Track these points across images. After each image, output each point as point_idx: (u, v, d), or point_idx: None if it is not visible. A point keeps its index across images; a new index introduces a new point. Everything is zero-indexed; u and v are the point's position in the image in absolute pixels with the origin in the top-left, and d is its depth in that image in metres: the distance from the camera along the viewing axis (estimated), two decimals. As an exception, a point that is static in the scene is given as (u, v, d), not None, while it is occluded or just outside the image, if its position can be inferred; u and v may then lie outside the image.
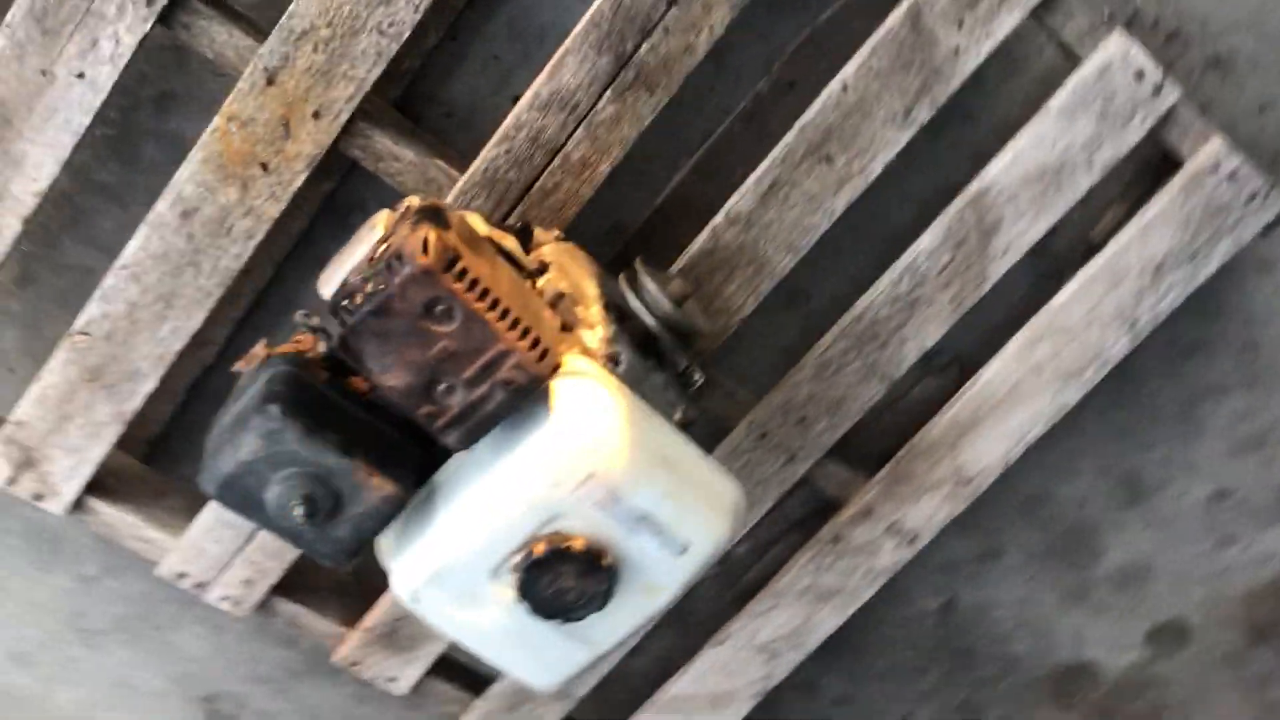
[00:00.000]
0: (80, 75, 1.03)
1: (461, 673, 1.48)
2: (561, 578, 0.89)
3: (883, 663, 1.66)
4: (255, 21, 1.09)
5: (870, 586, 1.41)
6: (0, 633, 1.51)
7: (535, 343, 0.83)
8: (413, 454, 0.89)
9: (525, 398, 0.85)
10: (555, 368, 0.85)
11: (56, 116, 1.06)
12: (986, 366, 1.29)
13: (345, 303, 0.80)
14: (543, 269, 1.05)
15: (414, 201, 0.98)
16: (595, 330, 1.02)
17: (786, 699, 1.67)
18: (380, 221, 0.93)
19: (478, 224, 1.00)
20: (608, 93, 1.10)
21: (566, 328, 1.02)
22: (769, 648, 1.44)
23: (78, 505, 1.24)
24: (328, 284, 0.90)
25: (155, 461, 1.35)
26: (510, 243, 1.03)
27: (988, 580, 1.61)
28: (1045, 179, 1.19)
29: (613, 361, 1.02)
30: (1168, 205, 1.21)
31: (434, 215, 0.82)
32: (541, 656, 0.97)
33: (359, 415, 0.86)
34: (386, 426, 0.87)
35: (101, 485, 1.24)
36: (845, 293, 1.29)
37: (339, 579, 1.41)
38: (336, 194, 1.24)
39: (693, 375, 1.16)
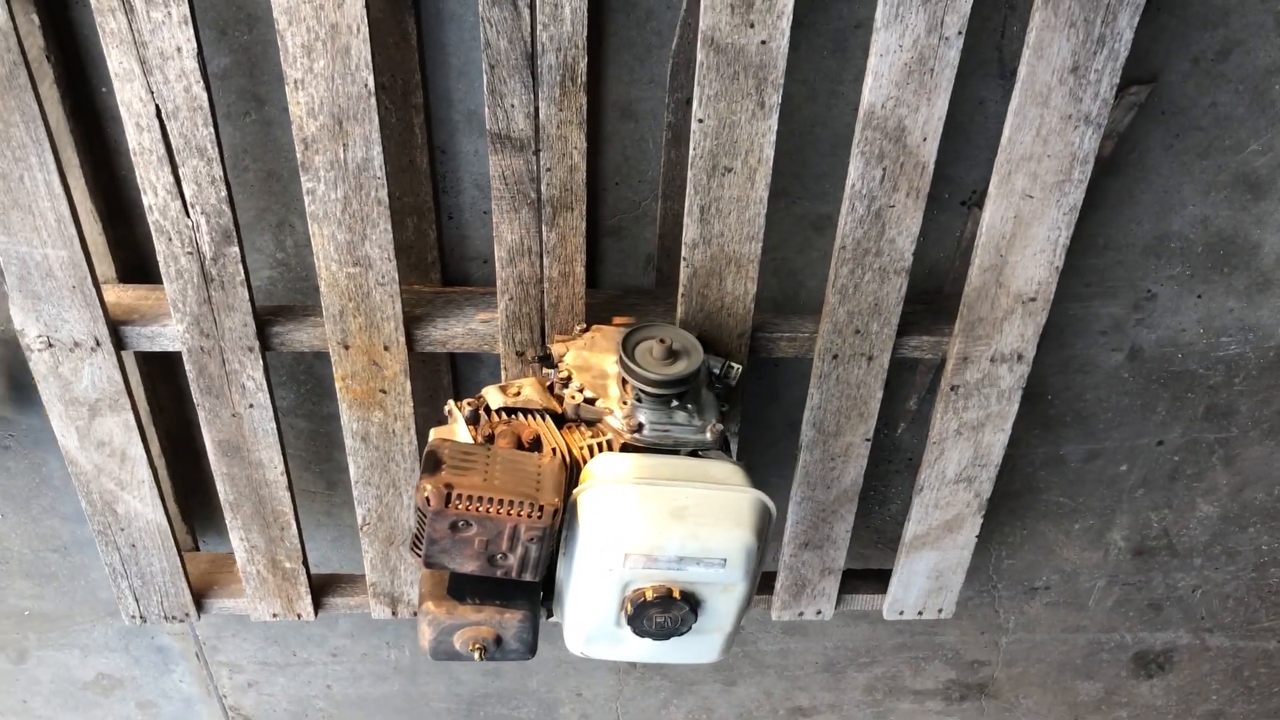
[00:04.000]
0: (251, 407, 1.52)
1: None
2: (654, 616, 1.25)
3: (1109, 415, 1.78)
4: (314, 308, 1.49)
5: (1011, 403, 1.57)
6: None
7: (531, 506, 1.17)
8: (525, 585, 1.28)
9: (553, 538, 1.20)
10: (556, 510, 1.19)
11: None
12: (982, 214, 1.39)
13: (415, 545, 1.21)
14: (568, 380, 1.38)
15: (452, 407, 1.36)
16: (615, 413, 1.34)
17: (1040, 476, 1.87)
18: (432, 438, 1.31)
19: (493, 398, 1.35)
20: (543, 228, 1.37)
21: (590, 423, 1.35)
22: (962, 476, 1.66)
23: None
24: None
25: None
26: (527, 388, 1.37)
27: (1158, 319, 1.66)
28: (913, 69, 1.25)
29: (636, 431, 1.33)
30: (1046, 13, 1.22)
31: (430, 465, 1.19)
32: (690, 651, 1.34)
33: (479, 587, 1.27)
34: (501, 582, 1.27)
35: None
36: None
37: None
38: (455, 359, 1.64)
39: (729, 373, 1.42)
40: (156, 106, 1.25)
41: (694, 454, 1.34)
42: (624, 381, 1.36)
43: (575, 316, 1.46)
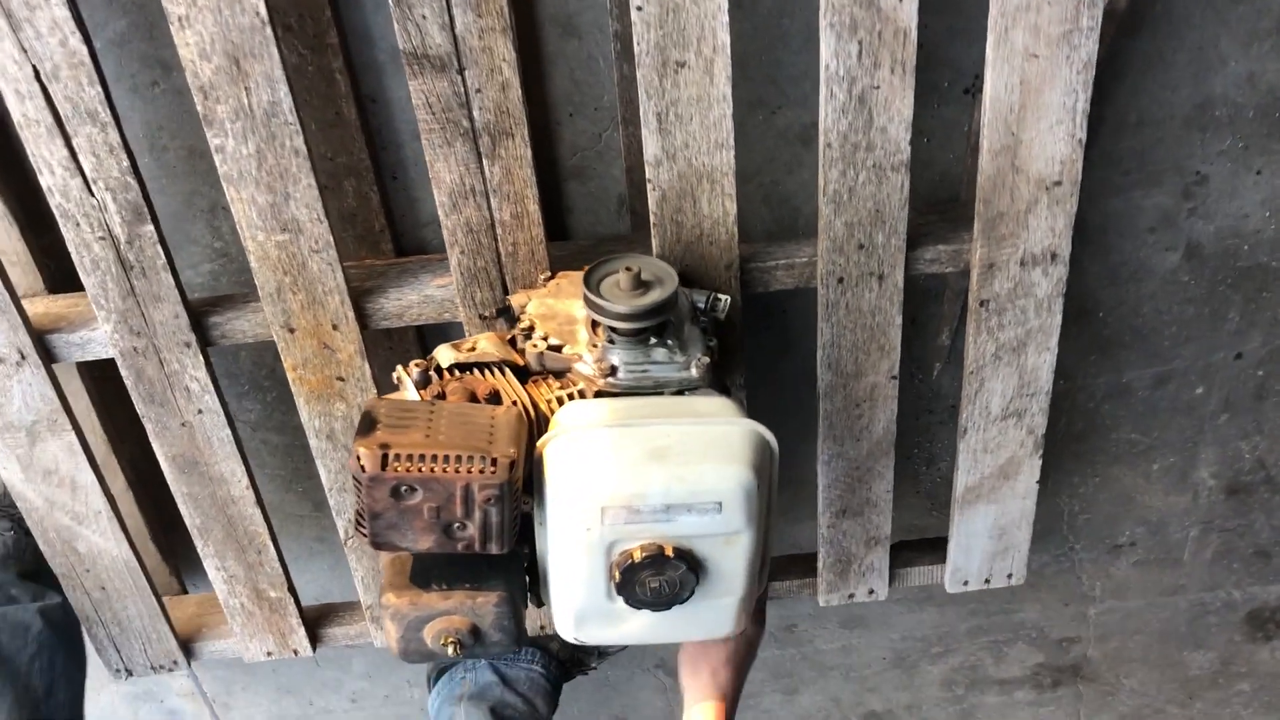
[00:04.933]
0: (200, 412, 1.37)
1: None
2: (647, 580, 1.06)
3: (1174, 329, 1.56)
4: (249, 297, 1.34)
5: (1053, 314, 1.36)
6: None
7: (483, 460, 1.00)
8: (499, 562, 1.10)
9: (514, 497, 1.02)
10: (512, 462, 1.01)
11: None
12: (983, 87, 1.20)
13: (359, 522, 1.04)
14: (530, 330, 1.21)
15: (400, 372, 1.19)
16: (585, 358, 1.17)
17: (1104, 411, 1.65)
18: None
19: (444, 356, 1.18)
20: (484, 162, 1.21)
21: (558, 374, 1.18)
22: (1009, 411, 1.45)
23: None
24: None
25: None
26: (483, 341, 1.20)
27: (1214, 206, 1.44)
28: (878, -85, 1.09)
29: (609, 375, 1.15)
30: None
31: (364, 427, 1.02)
32: (701, 622, 1.14)
33: (447, 570, 1.09)
34: (471, 561, 1.09)
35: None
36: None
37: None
38: (424, 340, 1.49)
39: (716, 305, 1.25)
40: (34, 67, 1.12)
41: (679, 394, 1.17)
42: (594, 324, 1.19)
43: (537, 264, 1.29)
